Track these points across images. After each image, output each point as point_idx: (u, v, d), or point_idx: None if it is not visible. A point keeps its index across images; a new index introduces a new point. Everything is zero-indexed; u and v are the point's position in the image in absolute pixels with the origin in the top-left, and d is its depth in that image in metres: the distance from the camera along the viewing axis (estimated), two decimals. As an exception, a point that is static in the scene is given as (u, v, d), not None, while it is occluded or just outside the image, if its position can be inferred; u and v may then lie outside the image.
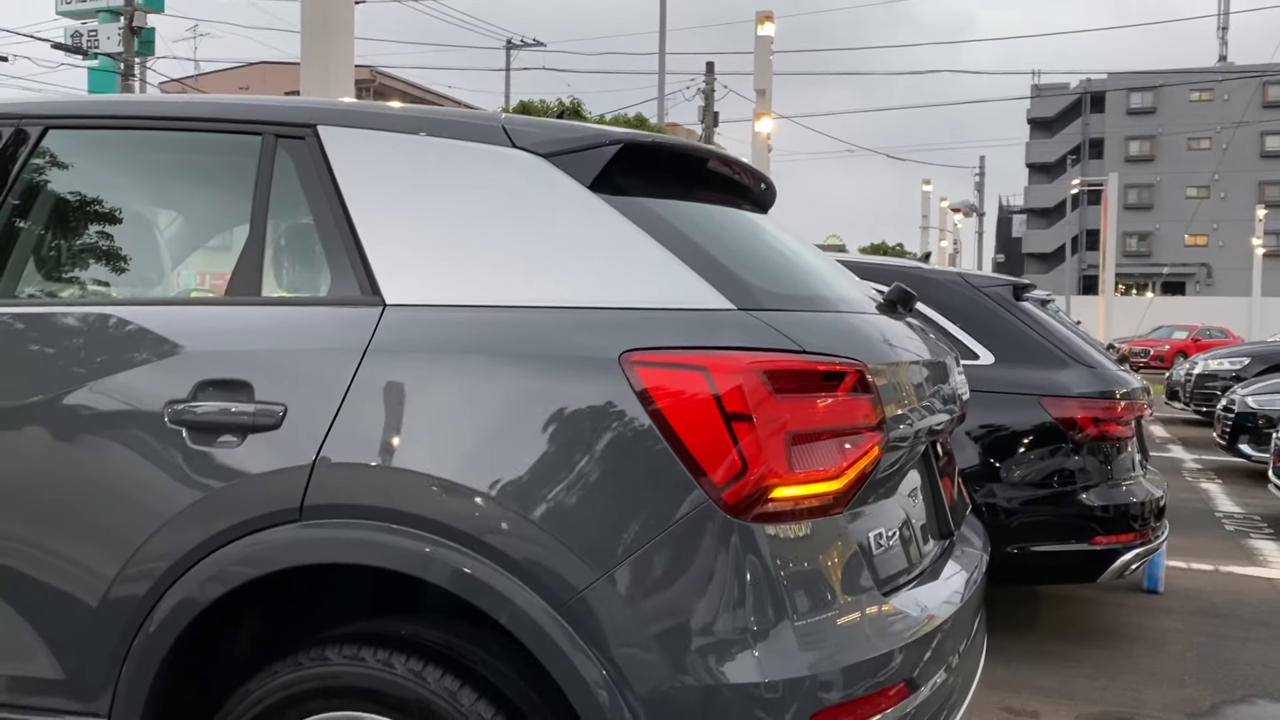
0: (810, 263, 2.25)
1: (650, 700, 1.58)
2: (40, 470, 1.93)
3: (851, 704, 1.65)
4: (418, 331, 1.81)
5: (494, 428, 1.71)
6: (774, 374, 1.67)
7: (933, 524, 2.21)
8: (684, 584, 1.61)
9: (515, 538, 1.64)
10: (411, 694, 1.67)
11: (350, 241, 1.91)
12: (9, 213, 2.20)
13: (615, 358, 1.68)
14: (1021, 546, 4.22)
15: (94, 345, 1.97)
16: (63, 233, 2.33)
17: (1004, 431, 4.32)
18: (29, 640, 1.91)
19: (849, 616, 1.71)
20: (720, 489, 1.62)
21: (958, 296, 4.59)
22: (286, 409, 1.78)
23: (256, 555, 1.76)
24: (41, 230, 2.30)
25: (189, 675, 1.90)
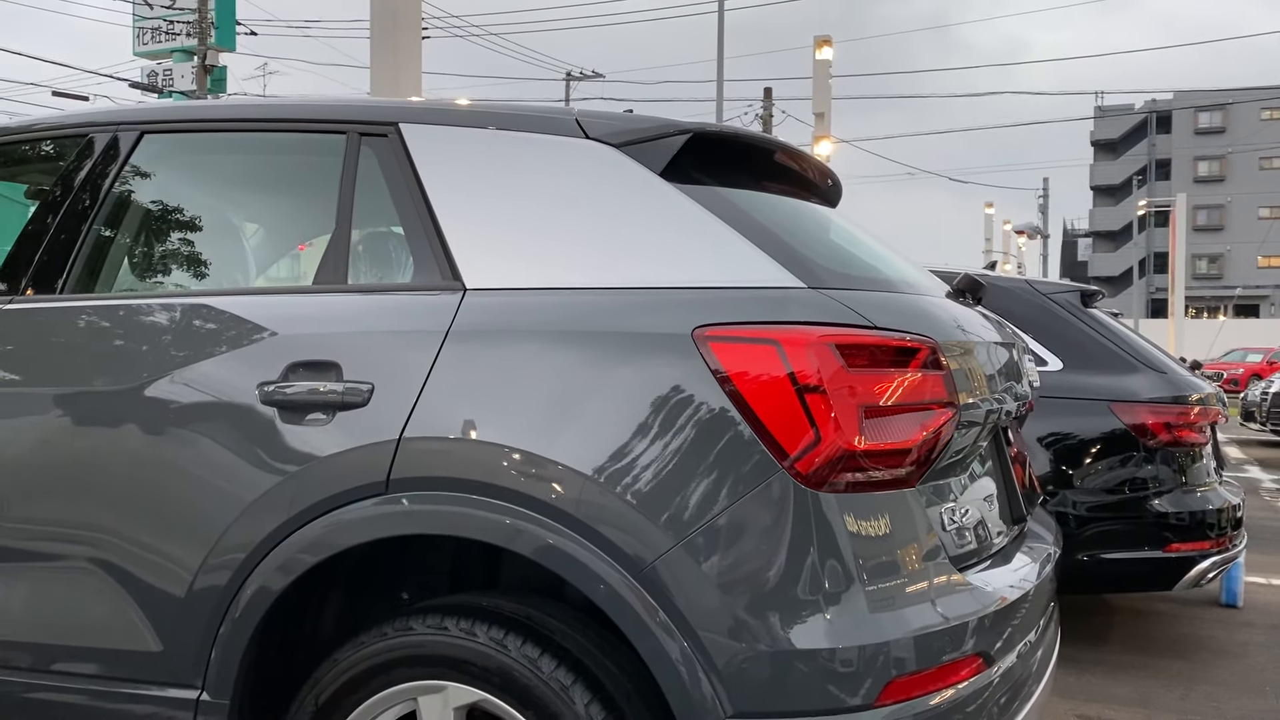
0: (879, 251, 2.29)
1: (724, 665, 1.61)
2: (140, 451, 2.02)
3: (927, 673, 1.66)
4: (497, 313, 1.87)
5: (569, 402, 1.76)
6: (845, 347, 1.71)
7: (1004, 509, 2.21)
8: (757, 552, 1.64)
9: (591, 506, 1.68)
10: (494, 661, 1.72)
11: (432, 231, 1.98)
12: (111, 211, 2.33)
13: (688, 333, 1.73)
14: (1093, 554, 4.16)
15: (191, 333, 2.07)
16: (160, 229, 2.45)
17: (1073, 438, 4.28)
18: (130, 618, 1.99)
19: (922, 587, 1.73)
20: (793, 459, 1.65)
21: (1025, 303, 4.56)
22: (374, 387, 1.85)
23: (345, 528, 1.82)
24: (141, 227, 2.42)
25: (279, 648, 1.97)
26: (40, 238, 2.32)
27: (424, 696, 1.78)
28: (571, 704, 1.67)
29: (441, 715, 1.76)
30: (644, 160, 1.96)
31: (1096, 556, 4.16)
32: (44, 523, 2.10)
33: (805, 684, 1.60)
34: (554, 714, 1.67)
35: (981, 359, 2.07)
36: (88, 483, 2.05)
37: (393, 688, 1.79)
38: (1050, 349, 4.45)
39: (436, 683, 1.76)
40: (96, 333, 2.19)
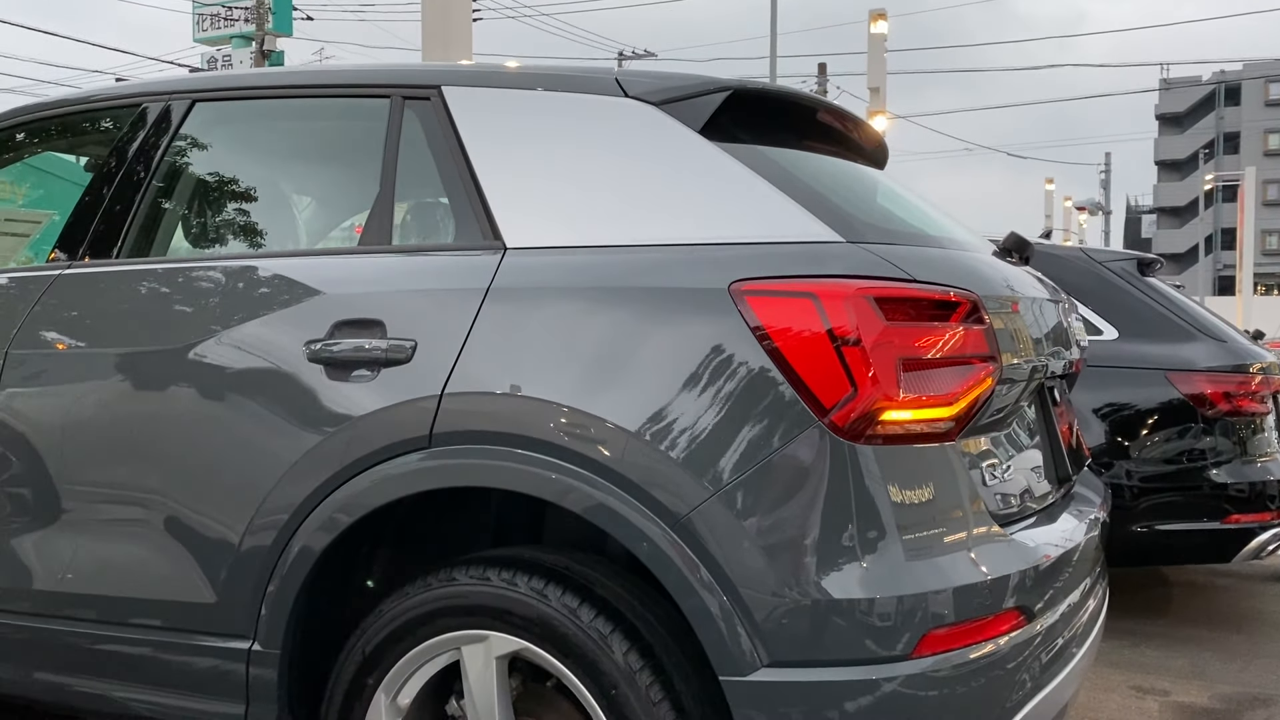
0: (924, 209, 2.27)
1: (763, 620, 1.61)
2: (193, 408, 2.08)
3: (965, 626, 1.66)
4: (536, 272, 1.89)
5: (607, 358, 1.77)
6: (884, 300, 1.70)
7: (1049, 468, 2.19)
8: (794, 504, 1.65)
9: (628, 460, 1.70)
10: (534, 611, 1.74)
11: (474, 191, 2.01)
12: (164, 178, 2.40)
13: (725, 288, 1.73)
14: (1149, 526, 4.09)
15: (241, 294, 2.13)
16: (212, 194, 2.51)
17: (1129, 408, 4.20)
18: (186, 571, 2.05)
19: (961, 541, 1.72)
20: (830, 412, 1.65)
21: (1080, 271, 4.48)
22: (416, 344, 1.89)
23: (390, 481, 1.86)
24: (193, 193, 2.48)
25: (329, 601, 2.02)
26: (96, 206, 2.39)
27: (467, 646, 1.81)
28: (610, 652, 1.69)
29: (484, 664, 1.79)
30: (683, 118, 1.96)
31: (1153, 528, 4.09)
32: (104, 479, 2.17)
33: (842, 634, 1.61)
34: (592, 662, 1.70)
35: (1026, 316, 2.04)
36: (144, 439, 2.12)
37: (437, 637, 1.83)
38: (1106, 318, 4.38)
39: (479, 632, 1.79)
40: (150, 296, 2.26)
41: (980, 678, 1.67)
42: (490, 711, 1.79)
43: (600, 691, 1.69)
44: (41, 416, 2.26)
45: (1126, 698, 3.47)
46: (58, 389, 2.26)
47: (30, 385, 2.28)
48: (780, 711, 1.61)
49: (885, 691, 1.60)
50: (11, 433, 2.27)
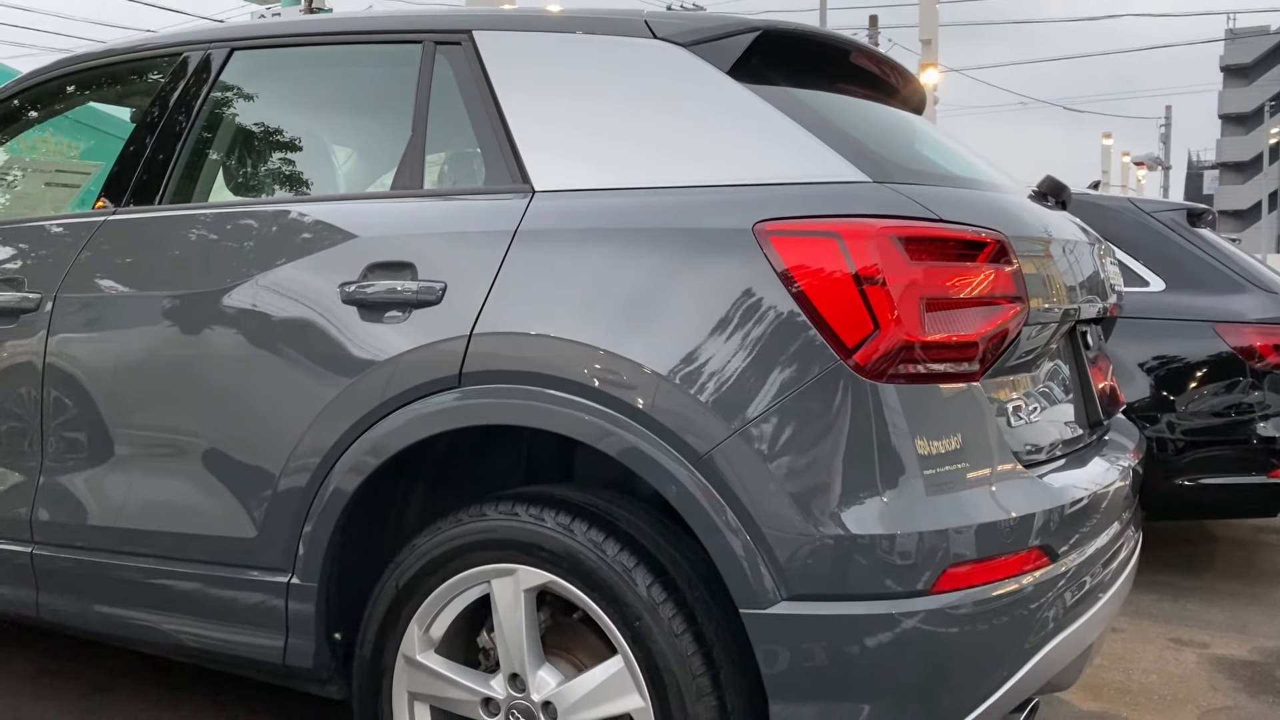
0: (958, 152, 2.25)
1: (786, 559, 1.63)
2: (233, 349, 2.14)
3: (986, 564, 1.67)
4: (563, 214, 1.91)
5: (631, 297, 1.79)
6: (908, 240, 1.69)
7: (1080, 412, 2.18)
8: (817, 442, 1.66)
9: (650, 395, 1.72)
10: (561, 545, 1.78)
11: (503, 135, 2.03)
12: (205, 125, 2.45)
13: (749, 228, 1.74)
14: (1194, 479, 4.04)
15: (277, 237, 2.18)
16: (250, 140, 2.56)
17: (1176, 361, 4.14)
18: (226, 508, 2.12)
19: (984, 479, 1.72)
20: (852, 351, 1.66)
21: (1126, 222, 4.40)
22: (446, 286, 1.92)
23: (421, 420, 1.90)
24: (233, 139, 2.53)
25: (363, 536, 2.08)
26: (139, 153, 2.45)
27: (497, 579, 1.85)
28: (634, 585, 1.72)
29: (513, 597, 1.84)
30: (711, 59, 1.96)
31: (1198, 482, 4.05)
32: (150, 418, 2.25)
33: (861, 569, 1.62)
34: (617, 595, 1.73)
35: (1058, 259, 2.03)
36: (186, 379, 2.18)
37: (467, 571, 1.87)
38: (1152, 269, 4.30)
39: (508, 566, 1.84)
40: (191, 240, 2.31)
41: (1001, 616, 1.68)
42: (519, 643, 1.84)
43: (624, 623, 1.73)
44: (90, 358, 2.33)
45: (1164, 649, 3.46)
46: (105, 331, 2.33)
47: (79, 328, 2.36)
48: (799, 645, 1.63)
49: (905, 627, 1.62)
50: (62, 374, 2.35)
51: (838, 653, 1.63)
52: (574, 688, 1.80)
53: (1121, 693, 3.06)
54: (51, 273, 2.43)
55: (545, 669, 1.84)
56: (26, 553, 2.41)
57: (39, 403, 2.37)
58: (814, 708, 1.64)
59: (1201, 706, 2.97)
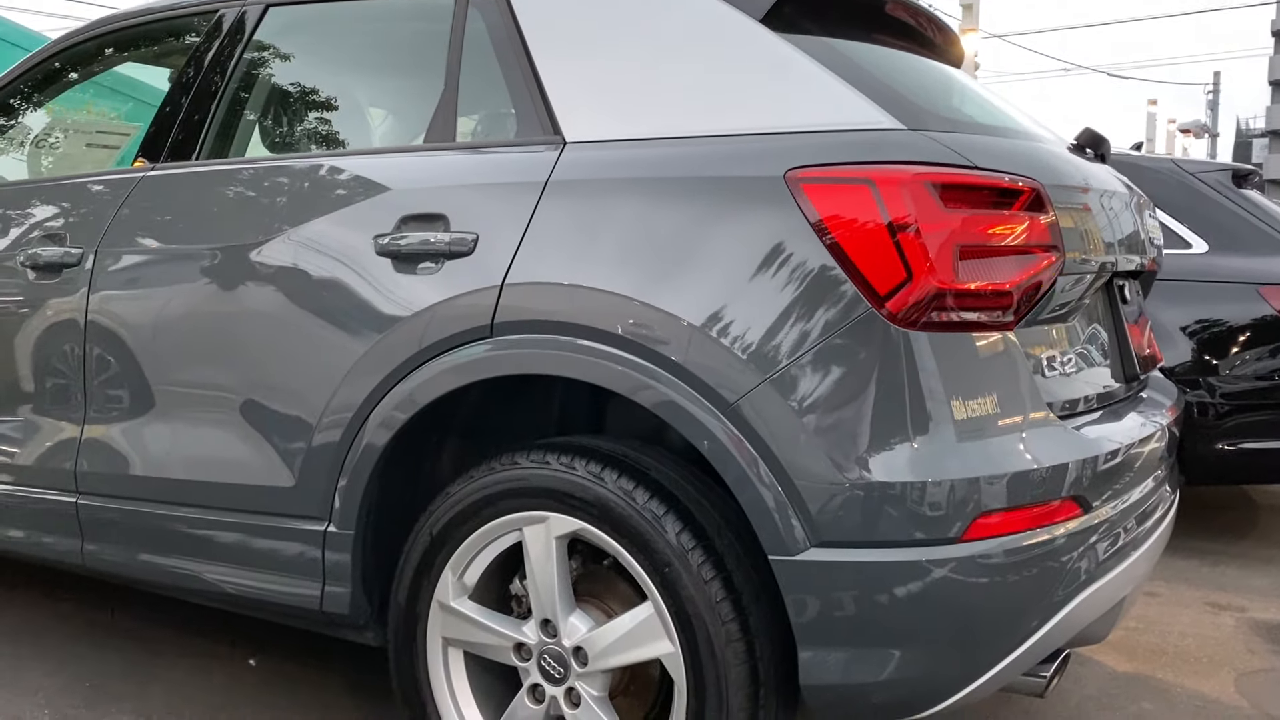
0: (995, 104, 2.22)
1: (811, 497, 1.64)
2: (270, 300, 2.16)
3: (1017, 512, 1.66)
4: (594, 165, 1.91)
5: (662, 246, 1.79)
6: (942, 186, 1.68)
7: (1116, 366, 2.16)
8: (848, 389, 1.65)
9: (679, 343, 1.72)
10: (591, 493, 1.80)
11: (534, 87, 2.03)
12: (240, 82, 2.48)
13: (781, 176, 1.73)
14: (1234, 444, 3.99)
15: (312, 191, 2.20)
16: (285, 96, 2.58)
17: (1219, 324, 4.08)
18: (265, 457, 2.16)
19: (1016, 429, 1.71)
20: (884, 299, 1.65)
21: (1169, 184, 4.32)
22: (478, 237, 1.93)
23: (454, 370, 1.92)
24: (268, 95, 2.56)
25: (399, 485, 2.10)
26: (176, 111, 2.49)
27: (528, 527, 1.87)
28: (663, 532, 1.74)
29: (545, 544, 1.85)
30: (743, 7, 1.94)
31: (1239, 446, 3.99)
32: (190, 370, 2.29)
33: (891, 516, 1.62)
34: (646, 541, 1.74)
35: (1096, 210, 2.00)
36: (224, 331, 2.22)
37: (500, 518, 1.89)
38: (1195, 231, 4.23)
39: (539, 513, 1.85)
40: (228, 195, 2.34)
41: (1032, 566, 1.68)
42: (550, 589, 1.86)
43: (654, 569, 1.74)
44: (131, 311, 2.37)
45: (1201, 613, 3.43)
46: (145, 285, 2.37)
47: (119, 281, 2.40)
48: (828, 592, 1.64)
49: (934, 574, 1.62)
50: (104, 327, 2.39)
51: (866, 600, 1.63)
52: (605, 633, 1.82)
53: (1157, 654, 3.04)
54: (92, 228, 2.47)
55: (576, 615, 1.86)
56: (71, 503, 2.46)
57: (81, 355, 2.42)
58: (842, 654, 1.65)
59: (1238, 669, 2.95)
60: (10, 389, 2.59)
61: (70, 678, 2.65)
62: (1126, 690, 2.78)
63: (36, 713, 2.46)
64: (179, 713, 2.48)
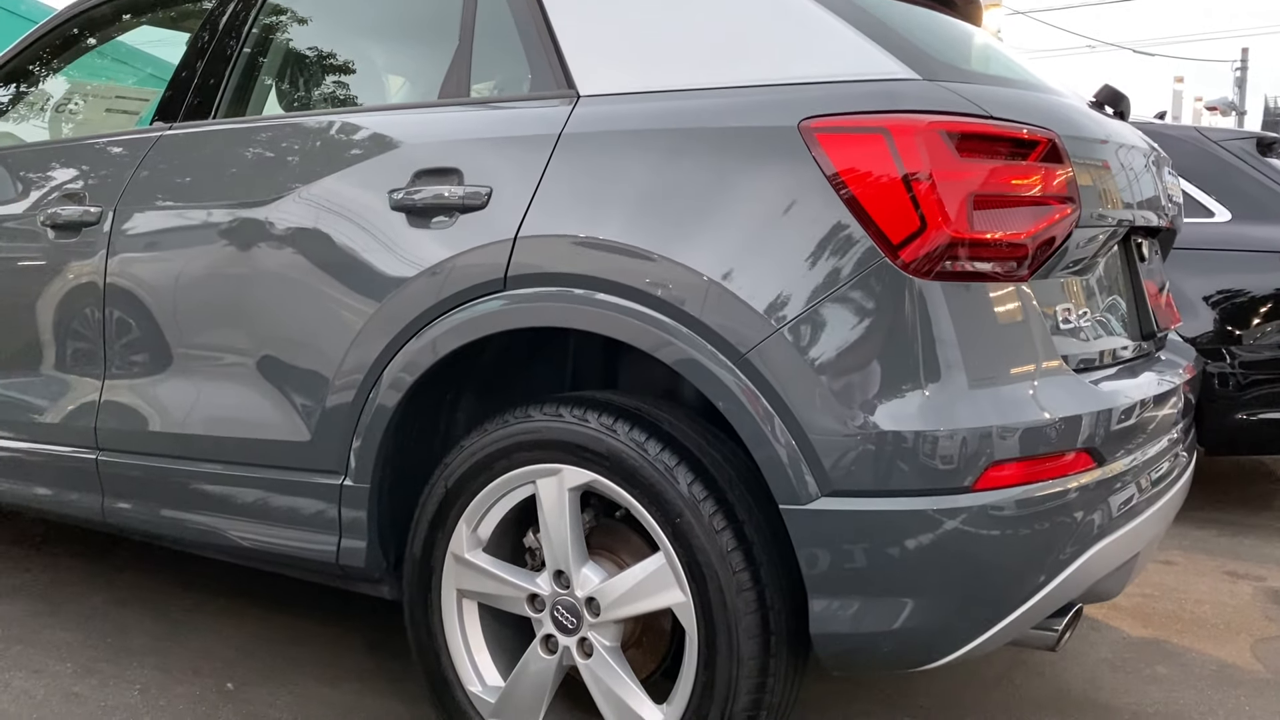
0: (1014, 61, 2.20)
1: (822, 446, 1.64)
2: (287, 256, 2.18)
3: (1029, 463, 1.66)
4: (608, 118, 1.91)
5: (674, 197, 1.78)
6: (957, 136, 1.67)
7: (1133, 323, 2.14)
8: (861, 339, 1.65)
9: (691, 293, 1.72)
10: (604, 445, 1.80)
11: (548, 41, 2.03)
12: (254, 42, 2.49)
13: (795, 126, 1.72)
14: (1253, 414, 3.96)
15: (327, 148, 2.21)
16: (298, 55, 2.59)
17: (1241, 294, 4.04)
18: (283, 412, 2.18)
19: (1029, 380, 1.71)
20: (898, 247, 1.64)
21: (1192, 152, 4.27)
22: (492, 190, 1.93)
23: (469, 323, 1.92)
24: (282, 54, 2.57)
25: (414, 440, 2.12)
26: (191, 76, 2.50)
27: (542, 479, 1.88)
28: (675, 483, 1.74)
29: (558, 496, 1.86)
30: None
31: (1258, 416, 3.96)
32: (210, 326, 2.31)
33: (902, 465, 1.62)
34: (658, 492, 1.75)
35: (1113, 164, 1.98)
36: (244, 286, 2.23)
37: (513, 471, 1.90)
38: (1219, 199, 4.18)
39: (552, 466, 1.86)
40: (244, 152, 2.36)
41: (1043, 518, 1.67)
42: (563, 541, 1.87)
43: (665, 520, 1.75)
44: (149, 268, 2.40)
45: (1219, 581, 3.42)
46: (164, 242, 2.39)
47: (138, 240, 2.42)
48: (839, 541, 1.64)
49: (945, 524, 1.61)
50: (123, 285, 2.42)
51: (877, 549, 1.63)
52: (616, 584, 1.83)
53: (1173, 620, 3.03)
54: (111, 187, 2.49)
55: (589, 567, 1.87)
56: (92, 459, 2.49)
57: (100, 313, 2.45)
58: (853, 603, 1.65)
59: (1255, 635, 2.94)
60: (31, 347, 2.62)
61: (92, 633, 2.69)
62: (1141, 654, 2.77)
63: (58, 665, 2.50)
64: (197, 667, 2.52)
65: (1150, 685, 2.58)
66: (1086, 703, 2.47)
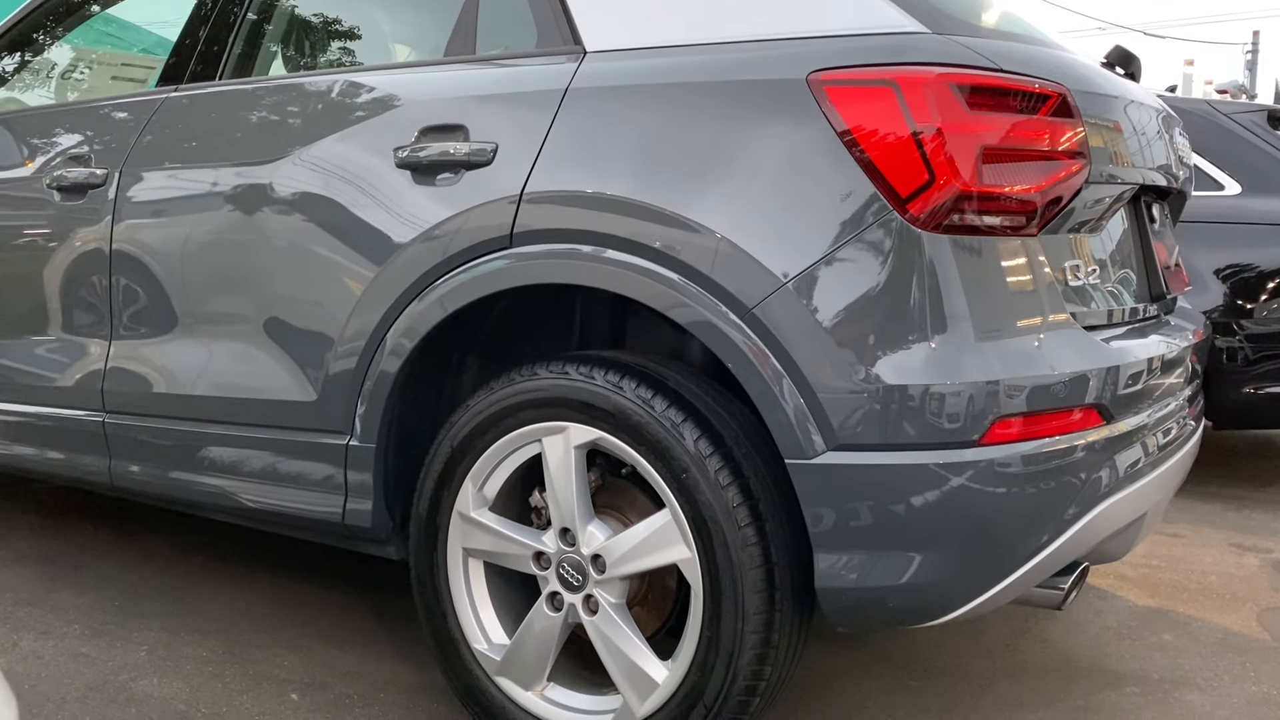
0: (1024, 17, 2.18)
1: (829, 400, 1.63)
2: (294, 216, 2.17)
3: (1036, 417, 1.65)
4: (614, 73, 1.90)
5: (681, 151, 1.77)
6: (967, 88, 1.65)
7: (1142, 285, 2.13)
8: (865, 291, 1.64)
9: (702, 249, 1.71)
10: (610, 402, 1.80)
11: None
12: (261, 2, 2.47)
13: (803, 79, 1.71)
14: (1259, 387, 3.95)
15: (333, 107, 2.20)
16: (302, 16, 2.58)
17: (1250, 267, 4.02)
18: (286, 374, 2.18)
19: (1037, 335, 1.70)
20: (906, 200, 1.63)
21: (1202, 125, 4.24)
22: (498, 147, 1.92)
23: (474, 281, 1.92)
24: (288, 15, 2.55)
25: (420, 401, 2.12)
26: (195, 42, 2.50)
27: (548, 437, 1.88)
28: (681, 439, 1.74)
29: (564, 454, 1.86)
30: None
31: (1264, 390, 3.95)
32: (217, 287, 2.31)
33: (908, 419, 1.61)
34: (665, 449, 1.75)
35: (1124, 123, 1.96)
36: (250, 246, 2.23)
37: (520, 429, 1.90)
38: (1228, 172, 4.16)
39: (558, 423, 1.86)
40: (250, 112, 2.35)
41: (1050, 473, 1.66)
42: (569, 498, 1.86)
43: (671, 476, 1.74)
44: (157, 230, 2.40)
45: (1225, 553, 3.41)
46: (171, 204, 2.39)
47: (144, 201, 2.42)
48: (844, 495, 1.63)
49: (951, 478, 1.60)
50: (129, 249, 2.42)
51: (883, 504, 1.62)
52: (622, 540, 1.83)
53: (1179, 590, 3.03)
54: (116, 148, 2.48)
55: (595, 524, 1.87)
56: (99, 422, 2.50)
57: (107, 274, 2.44)
58: (858, 558, 1.65)
59: (1261, 605, 2.93)
60: (36, 309, 2.63)
61: (100, 597, 2.71)
62: (1147, 622, 2.77)
63: (65, 627, 2.51)
64: (203, 629, 2.53)
65: (1156, 652, 2.58)
66: (1092, 668, 2.47)
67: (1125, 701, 2.31)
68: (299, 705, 2.18)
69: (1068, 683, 2.39)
